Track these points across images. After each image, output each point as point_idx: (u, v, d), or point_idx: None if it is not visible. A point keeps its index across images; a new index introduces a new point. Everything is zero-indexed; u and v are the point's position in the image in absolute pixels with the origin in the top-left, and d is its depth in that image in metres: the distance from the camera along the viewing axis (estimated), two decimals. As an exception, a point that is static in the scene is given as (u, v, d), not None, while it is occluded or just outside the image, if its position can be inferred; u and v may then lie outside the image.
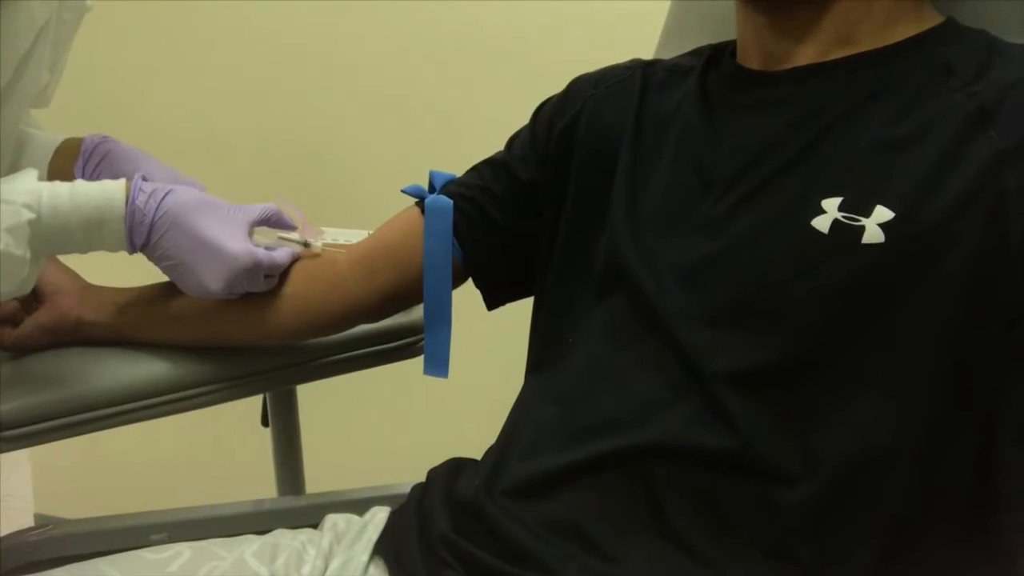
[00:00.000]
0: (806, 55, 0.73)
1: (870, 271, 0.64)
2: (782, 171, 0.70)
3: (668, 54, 0.90)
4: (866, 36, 0.72)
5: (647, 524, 0.67)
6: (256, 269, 0.84)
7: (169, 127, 1.68)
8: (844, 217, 0.66)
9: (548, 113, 0.88)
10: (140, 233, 0.81)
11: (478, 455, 0.82)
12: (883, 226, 0.64)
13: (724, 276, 0.70)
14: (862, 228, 0.65)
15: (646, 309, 0.73)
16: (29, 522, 1.81)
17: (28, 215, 0.76)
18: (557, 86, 0.91)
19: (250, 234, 0.85)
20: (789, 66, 0.74)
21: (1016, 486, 0.63)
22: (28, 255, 0.76)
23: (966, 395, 0.64)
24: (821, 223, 0.66)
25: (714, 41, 0.85)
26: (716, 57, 0.82)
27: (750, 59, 0.78)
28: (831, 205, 0.67)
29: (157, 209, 0.81)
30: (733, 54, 0.81)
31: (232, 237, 0.83)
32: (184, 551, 0.79)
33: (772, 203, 0.70)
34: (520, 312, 0.91)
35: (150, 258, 0.84)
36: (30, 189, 0.77)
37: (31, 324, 0.91)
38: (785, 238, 0.68)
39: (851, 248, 0.65)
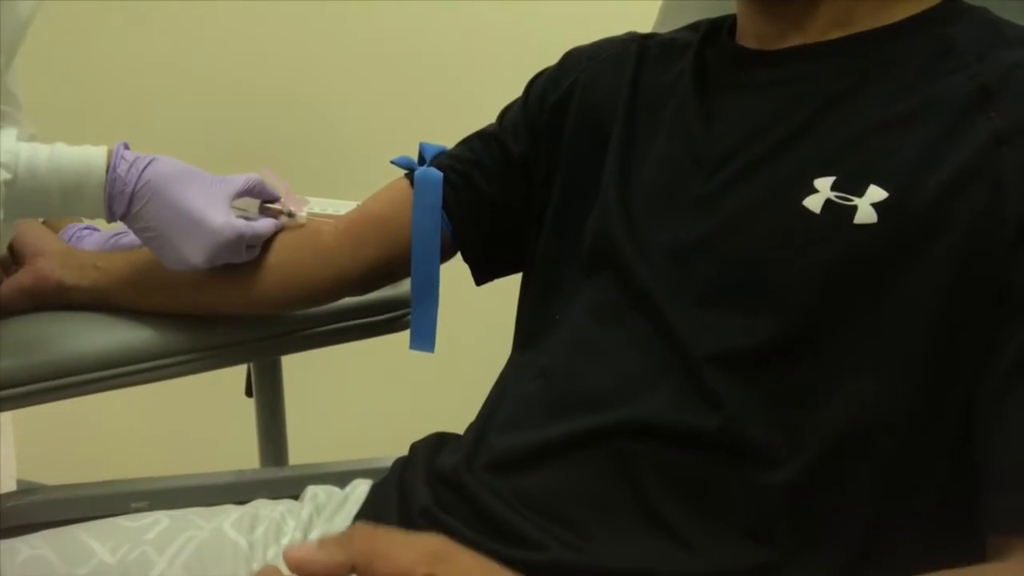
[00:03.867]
0: (803, 37, 0.72)
1: (862, 252, 0.63)
2: (776, 150, 0.69)
3: (666, 29, 0.89)
4: (864, 17, 0.70)
5: (626, 503, 0.66)
6: (238, 242, 0.83)
7: (157, 103, 1.66)
8: (837, 197, 0.65)
9: (541, 86, 0.87)
10: (120, 202, 0.80)
11: (462, 430, 0.81)
12: (876, 206, 0.63)
13: (713, 256, 0.69)
14: (855, 208, 0.64)
15: (634, 287, 0.72)
16: (12, 487, 1.80)
17: (4, 175, 0.74)
18: (551, 58, 0.89)
19: (232, 205, 0.84)
20: (786, 46, 0.73)
21: (994, 467, 0.62)
22: (2, 215, 0.75)
23: (952, 375, 0.63)
24: (813, 203, 0.65)
25: (712, 16, 0.84)
26: (713, 33, 0.81)
27: (747, 39, 0.76)
28: (824, 184, 0.65)
29: (139, 179, 0.80)
30: (731, 31, 0.79)
31: (214, 209, 0.82)
32: (162, 519, 0.78)
33: (764, 182, 0.69)
34: (508, 288, 0.90)
35: (130, 227, 0.83)
36: (8, 148, 0.76)
37: (10, 286, 0.89)
38: (776, 217, 0.67)
39: (843, 228, 0.64)
